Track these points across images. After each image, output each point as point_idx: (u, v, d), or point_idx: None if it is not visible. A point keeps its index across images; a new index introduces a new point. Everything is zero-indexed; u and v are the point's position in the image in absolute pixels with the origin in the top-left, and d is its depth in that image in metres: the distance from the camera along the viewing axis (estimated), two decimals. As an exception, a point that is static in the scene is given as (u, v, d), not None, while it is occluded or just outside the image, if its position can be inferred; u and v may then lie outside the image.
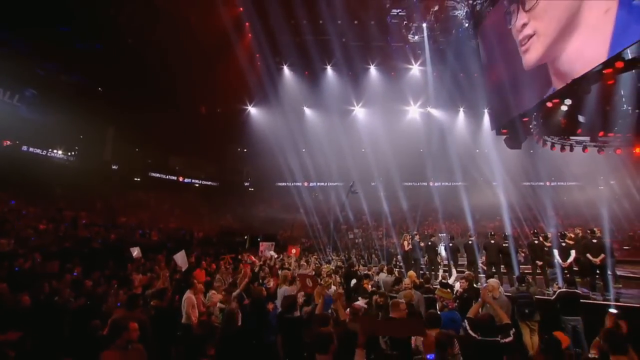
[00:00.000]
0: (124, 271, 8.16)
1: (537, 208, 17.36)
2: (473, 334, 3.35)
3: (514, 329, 3.81)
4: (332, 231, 18.88)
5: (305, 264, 9.31)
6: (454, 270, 8.16)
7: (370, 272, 7.86)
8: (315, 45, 18.88)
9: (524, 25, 10.12)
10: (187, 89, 20.19)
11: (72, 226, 13.94)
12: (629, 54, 9.50)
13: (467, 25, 14.91)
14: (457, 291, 5.67)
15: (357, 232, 20.99)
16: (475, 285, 6.11)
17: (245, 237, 18.97)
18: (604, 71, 9.88)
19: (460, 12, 15.06)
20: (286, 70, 21.86)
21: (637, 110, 11.44)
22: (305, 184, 24.40)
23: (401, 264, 10.53)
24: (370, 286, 6.22)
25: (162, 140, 22.35)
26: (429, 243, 9.93)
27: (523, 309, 5.49)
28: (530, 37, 9.97)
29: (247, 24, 18.81)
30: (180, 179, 26.26)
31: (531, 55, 10.13)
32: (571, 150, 13.68)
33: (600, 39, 7.67)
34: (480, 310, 3.93)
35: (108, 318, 3.86)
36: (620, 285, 7.96)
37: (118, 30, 16.68)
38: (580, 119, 11.93)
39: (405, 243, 10.05)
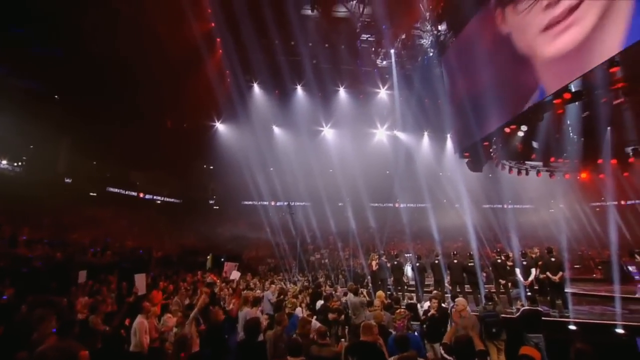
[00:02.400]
0: (67, 294, 7.34)
1: (497, 229, 18.06)
2: (448, 358, 3.22)
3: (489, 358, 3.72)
4: (298, 251, 18.50)
5: (270, 285, 8.89)
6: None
7: (335, 292, 7.62)
8: (286, 65, 19.06)
9: None
10: (152, 102, 19.44)
11: (9, 243, 12.57)
12: (573, 87, 10.41)
13: (432, 53, 15.70)
14: (427, 311, 5.57)
15: (324, 252, 20.71)
16: (442, 304, 6.07)
17: (208, 257, 18.12)
18: (554, 101, 10.69)
19: (426, 41, 15.88)
20: (256, 88, 21.79)
21: (582, 139, 12.38)
22: (273, 203, 23.98)
23: (369, 284, 10.42)
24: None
25: (123, 154, 21.19)
26: (395, 263, 9.92)
27: (490, 328, 5.48)
28: (576, 7, 8.40)
29: (218, 39, 18.69)
30: (141, 195, 24.89)
31: (574, 35, 8.46)
32: (527, 174, 14.49)
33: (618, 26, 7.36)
34: (454, 335, 3.82)
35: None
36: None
37: (81, 36, 15.88)
38: (535, 144, 12.73)
39: (373, 263, 9.97)
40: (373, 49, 18.10)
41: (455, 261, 8.72)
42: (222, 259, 17.21)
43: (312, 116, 22.04)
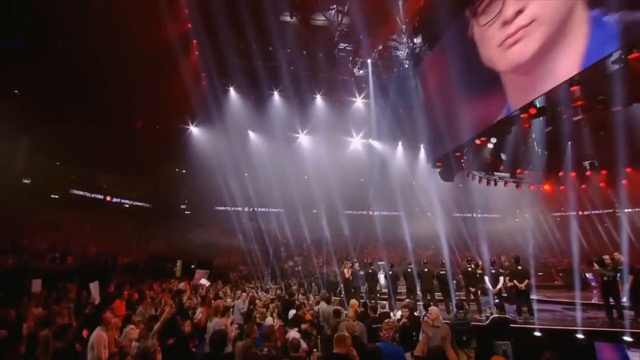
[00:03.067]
0: (18, 305, 6.77)
1: (467, 237, 18.58)
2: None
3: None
4: (271, 258, 18.22)
5: (241, 294, 8.62)
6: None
7: (307, 301, 7.50)
8: (263, 70, 18.91)
9: (519, 12, 9.17)
10: (123, 101, 18.65)
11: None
12: (538, 103, 10.95)
13: (407, 65, 16.09)
14: (399, 320, 5.56)
15: (298, 260, 20.53)
16: (415, 313, 6.09)
17: (177, 264, 17.49)
18: (521, 115, 11.18)
19: (402, 52, 16.26)
20: (232, 92, 21.47)
21: (545, 152, 13.02)
22: (246, 208, 23.59)
23: (342, 292, 10.39)
24: (310, 316, 5.87)
25: (89, 155, 20.12)
26: (369, 271, 9.95)
27: (461, 336, 5.55)
28: (525, 26, 8.98)
29: (194, 41, 18.29)
30: (108, 198, 23.73)
31: (526, 46, 9.02)
32: (495, 184, 15.03)
33: (577, 49, 7.81)
34: (426, 346, 3.81)
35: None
36: None
37: (46, 28, 15.04)
38: (503, 156, 13.25)
39: (346, 271, 9.95)
40: (350, 58, 18.34)
41: (426, 270, 8.85)
42: (192, 266, 16.72)
43: (288, 122, 21.97)
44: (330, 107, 21.91)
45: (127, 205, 24.79)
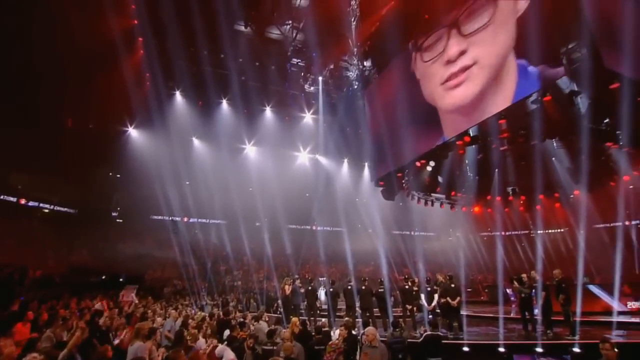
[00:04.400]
0: None
1: (405, 254, 19.41)
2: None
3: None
4: (208, 272, 17.31)
5: (174, 311, 7.96)
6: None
7: (246, 320, 7.16)
8: (213, 77, 18.34)
9: (462, 53, 9.76)
10: (51, 96, 16.76)
11: None
12: (472, 132, 11.96)
13: (356, 86, 16.69)
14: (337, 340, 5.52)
15: (237, 274, 19.76)
16: (353, 331, 6.10)
17: (103, 277, 15.84)
18: (457, 142, 12.09)
19: (352, 73, 16.87)
20: (178, 97, 20.47)
21: (476, 177, 14.23)
22: (185, 219, 22.33)
23: (281, 309, 10.13)
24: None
25: (3, 152, 17.64)
26: (309, 288, 9.86)
27: (397, 354, 5.65)
28: (468, 67, 9.59)
29: (140, 39, 17.21)
30: (22, 201, 20.85)
31: (467, 91, 9.65)
32: (432, 205, 15.96)
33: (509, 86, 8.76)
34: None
35: None
36: None
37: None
38: (440, 179, 14.17)
39: (286, 287, 9.74)
40: (302, 73, 18.58)
41: (364, 287, 9.01)
42: (121, 279, 15.29)
43: (235, 132, 21.45)
44: (279, 121, 21.85)
45: (46, 210, 21.98)
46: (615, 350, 4.13)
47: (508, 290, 13.97)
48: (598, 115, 9.65)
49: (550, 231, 23.12)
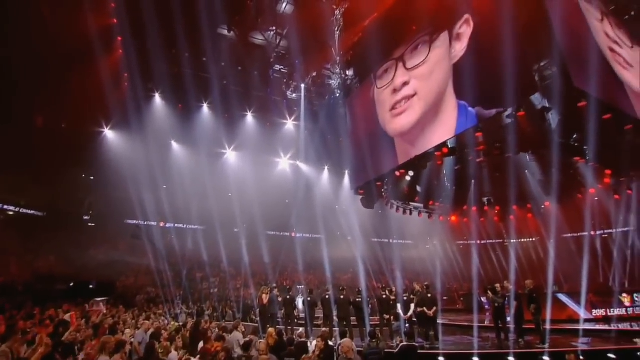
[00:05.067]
0: None
1: (383, 262, 19.57)
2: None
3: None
4: (184, 279, 16.85)
5: (146, 321, 7.64)
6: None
7: (220, 332, 6.95)
8: (194, 80, 18.02)
9: (405, 84, 10.62)
10: (22, 93, 16.01)
11: None
12: (450, 144, 12.27)
13: (338, 94, 16.82)
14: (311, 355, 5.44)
15: (214, 281, 19.33)
16: (330, 342, 6.05)
17: (71, 285, 15.13)
18: (435, 153, 12.36)
19: (334, 82, 16.99)
20: (157, 99, 19.97)
21: (453, 188, 14.58)
22: (161, 224, 21.74)
23: (257, 318, 9.99)
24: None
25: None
26: (287, 297, 9.76)
27: (373, 365, 5.65)
28: (410, 97, 10.42)
29: (119, 38, 16.73)
30: (-18, 203, 19.72)
31: (408, 118, 10.47)
32: (410, 213, 16.22)
33: (450, 121, 9.36)
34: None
35: None
36: None
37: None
38: (418, 189, 14.43)
39: (264, 296, 9.61)
40: (285, 80, 18.57)
41: (342, 297, 9.01)
42: (91, 286, 14.68)
43: (216, 137, 21.11)
44: (261, 126, 21.70)
45: (10, 213, 20.82)
46: (581, 358, 4.29)
47: (483, 299, 14.31)
48: (567, 131, 10.15)
49: (522, 240, 23.94)
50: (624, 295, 12.45)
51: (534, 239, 23.14)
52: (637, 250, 17.50)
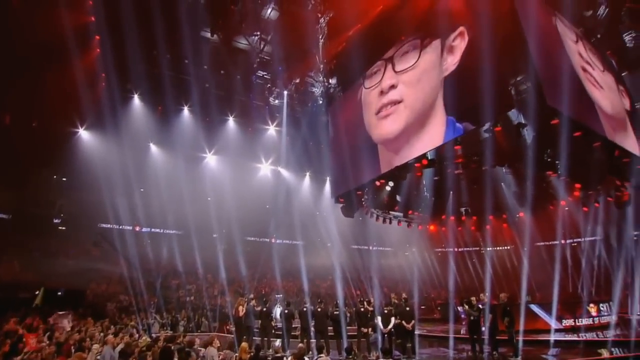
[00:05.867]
0: None
1: (361, 269, 19.63)
2: None
3: None
4: (158, 287, 16.32)
5: (111, 336, 7.26)
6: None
7: (194, 347, 6.71)
8: (175, 82, 17.64)
9: (392, 87, 10.38)
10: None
11: None
12: (429, 156, 12.47)
13: (321, 102, 16.84)
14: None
15: (190, 289, 18.84)
16: (306, 358, 5.97)
17: (37, 293, 14.40)
18: (415, 164, 12.52)
19: (317, 90, 17.01)
20: (136, 100, 19.40)
21: (432, 198, 14.84)
22: (137, 228, 21.09)
23: (232, 328, 9.78)
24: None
25: None
26: (264, 309, 9.58)
27: (349, 383, 5.59)
28: (396, 103, 10.19)
29: (97, 37, 16.18)
30: (-62, 205, 18.51)
31: (393, 125, 10.25)
32: (390, 222, 16.37)
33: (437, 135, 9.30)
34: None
35: None
36: None
37: None
38: (398, 198, 14.57)
39: (240, 308, 9.40)
40: (268, 86, 18.43)
41: (320, 309, 8.92)
42: (59, 293, 14.01)
43: (196, 141, 20.72)
44: (242, 131, 21.46)
45: (-28, 215, 19.70)
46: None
47: (459, 308, 14.56)
48: (541, 146, 10.50)
49: (498, 248, 24.60)
50: (591, 305, 12.94)
51: (508, 247, 23.79)
52: (603, 260, 18.29)
